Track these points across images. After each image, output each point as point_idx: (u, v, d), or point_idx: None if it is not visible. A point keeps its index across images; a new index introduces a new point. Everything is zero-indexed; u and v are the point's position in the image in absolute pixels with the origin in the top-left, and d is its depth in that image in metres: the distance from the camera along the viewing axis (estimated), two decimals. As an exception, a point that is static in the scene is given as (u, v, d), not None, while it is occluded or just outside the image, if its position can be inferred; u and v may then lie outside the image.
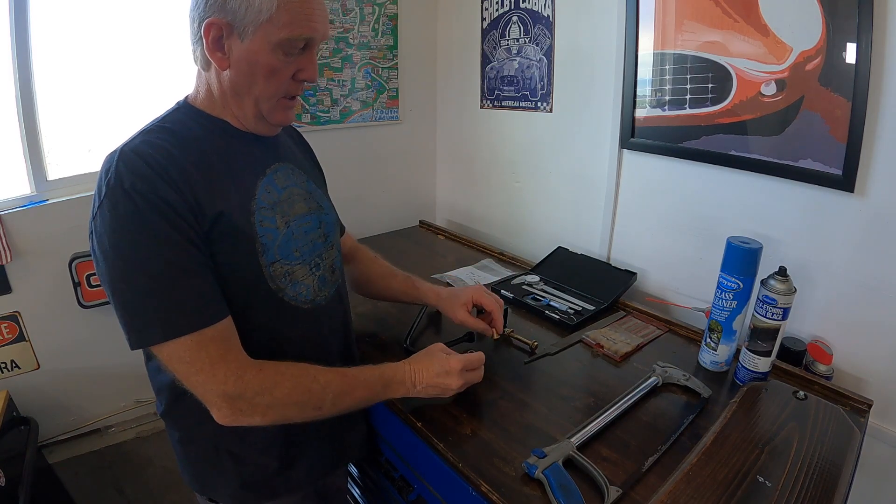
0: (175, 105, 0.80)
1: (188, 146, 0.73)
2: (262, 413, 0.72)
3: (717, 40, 1.16)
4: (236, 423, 0.72)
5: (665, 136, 1.32)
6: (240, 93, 0.76)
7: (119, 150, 0.70)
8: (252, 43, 0.71)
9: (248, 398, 0.71)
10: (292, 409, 0.75)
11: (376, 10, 1.85)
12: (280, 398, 0.73)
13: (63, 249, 1.60)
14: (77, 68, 1.63)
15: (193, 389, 0.71)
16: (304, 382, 0.75)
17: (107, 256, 0.67)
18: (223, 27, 0.70)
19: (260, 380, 0.72)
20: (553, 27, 1.56)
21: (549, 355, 1.09)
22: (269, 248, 0.78)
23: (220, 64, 0.73)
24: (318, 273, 0.87)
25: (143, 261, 0.66)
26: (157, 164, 0.68)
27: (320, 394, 0.76)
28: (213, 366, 0.69)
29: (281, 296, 0.80)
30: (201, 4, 0.70)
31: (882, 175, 0.99)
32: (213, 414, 0.71)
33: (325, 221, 0.91)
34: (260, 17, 0.69)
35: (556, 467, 0.75)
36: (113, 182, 0.66)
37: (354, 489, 1.25)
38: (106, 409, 1.83)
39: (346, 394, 0.79)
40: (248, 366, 0.72)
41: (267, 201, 0.80)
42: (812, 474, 0.73)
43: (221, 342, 0.71)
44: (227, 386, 0.69)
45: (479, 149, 1.97)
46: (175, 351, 0.69)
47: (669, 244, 1.39)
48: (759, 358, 0.95)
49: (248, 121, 0.79)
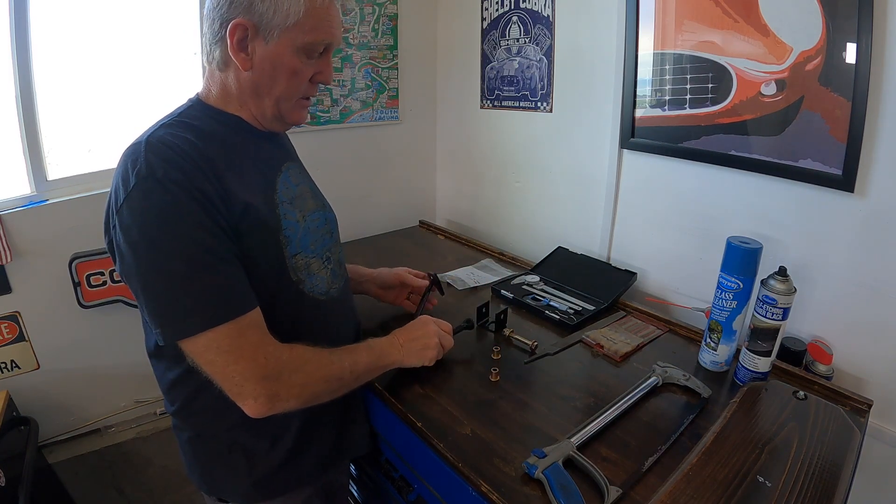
0: (188, 102, 0.81)
1: (210, 139, 0.74)
2: (298, 393, 0.74)
3: (717, 40, 1.16)
4: (271, 410, 0.72)
5: (665, 135, 1.32)
6: (260, 93, 0.77)
7: (145, 141, 0.69)
8: (277, 45, 0.73)
9: (286, 378, 0.73)
10: (321, 384, 0.78)
11: (376, 10, 1.85)
12: (312, 373, 0.76)
13: (63, 249, 1.60)
14: (77, 68, 1.63)
15: (228, 380, 0.70)
16: (324, 356, 0.79)
17: (136, 248, 0.66)
18: (249, 28, 0.72)
19: (292, 358, 0.74)
20: (553, 27, 1.56)
21: (549, 355, 1.09)
22: (292, 240, 0.81)
23: (243, 64, 0.74)
24: (330, 266, 0.90)
25: (181, 249, 0.66)
26: (187, 154, 0.68)
27: (339, 364, 0.80)
28: (255, 350, 0.70)
29: (301, 287, 0.83)
30: (225, 5, 0.71)
31: (882, 175, 0.99)
32: (247, 406, 0.71)
33: (329, 218, 0.94)
34: (287, 21, 0.71)
35: (556, 467, 0.75)
36: (144, 172, 0.65)
37: (354, 489, 1.25)
38: (106, 409, 1.83)
39: (357, 361, 0.83)
40: (281, 348, 0.74)
41: (286, 196, 0.82)
42: (812, 474, 0.73)
43: (258, 327, 0.72)
44: (266, 369, 0.71)
45: (479, 149, 1.97)
46: (213, 340, 0.68)
47: (669, 244, 1.39)
48: (759, 358, 0.95)
49: (266, 120, 0.81)
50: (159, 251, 0.66)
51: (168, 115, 0.78)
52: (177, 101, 0.82)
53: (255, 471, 0.85)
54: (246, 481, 0.85)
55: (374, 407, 1.02)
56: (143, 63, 1.72)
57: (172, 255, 0.66)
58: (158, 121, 0.76)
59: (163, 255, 0.66)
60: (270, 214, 0.78)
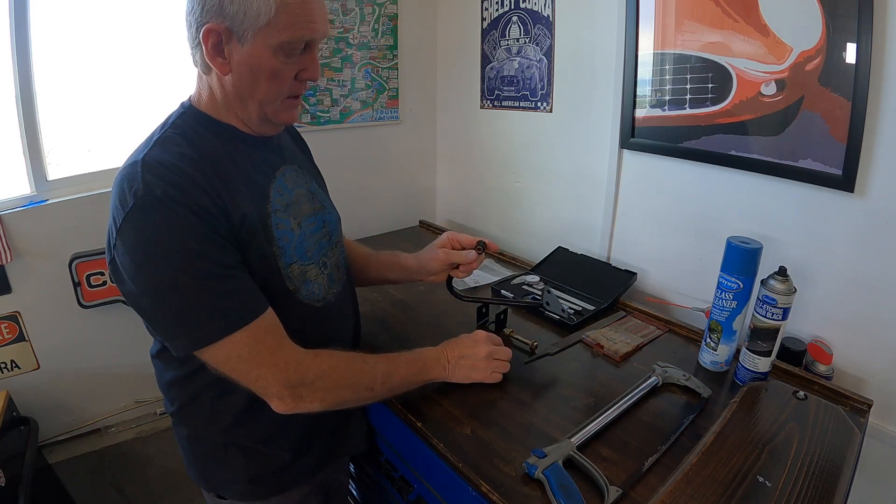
0: (179, 108, 0.79)
1: (203, 151, 0.73)
2: (322, 398, 0.76)
3: (717, 40, 1.16)
4: (296, 410, 0.75)
5: (665, 136, 1.32)
6: (243, 97, 0.75)
7: (140, 161, 0.68)
8: (253, 47, 0.70)
9: (309, 383, 0.74)
10: (347, 391, 0.79)
11: (376, 10, 1.85)
12: (338, 380, 0.77)
13: (63, 249, 1.60)
14: (77, 68, 1.63)
15: (253, 384, 0.73)
16: (356, 364, 0.79)
17: (142, 268, 0.66)
18: (222, 32, 0.69)
19: (318, 364, 0.75)
20: (553, 27, 1.56)
21: (549, 355, 1.09)
22: (287, 249, 0.80)
23: (222, 69, 0.72)
24: (326, 272, 0.89)
25: (188, 263, 0.67)
26: (183, 171, 0.68)
27: (371, 373, 0.80)
28: (274, 355, 0.72)
29: (297, 295, 0.82)
30: (198, 9, 0.69)
31: (882, 175, 0.99)
32: (273, 404, 0.74)
33: (328, 221, 0.92)
34: (259, 21, 0.68)
35: (556, 467, 0.75)
36: (142, 191, 0.65)
37: (354, 488, 1.25)
38: (106, 409, 1.83)
39: (392, 373, 0.83)
40: (303, 353, 0.75)
41: (280, 203, 0.81)
42: (812, 474, 0.73)
43: (275, 331, 0.73)
44: (289, 374, 0.72)
45: (479, 149, 1.97)
46: (233, 348, 0.69)
47: (669, 244, 1.39)
48: (759, 358, 0.95)
49: (253, 123, 0.79)
50: (167, 267, 0.66)
51: (160, 127, 0.76)
52: (177, 102, 0.81)
53: (252, 469, 0.85)
54: (243, 479, 0.85)
55: (374, 406, 1.02)
56: (143, 63, 1.72)
57: (178, 269, 0.66)
58: (150, 135, 0.75)
59: (170, 270, 0.66)
60: (263, 226, 0.77)
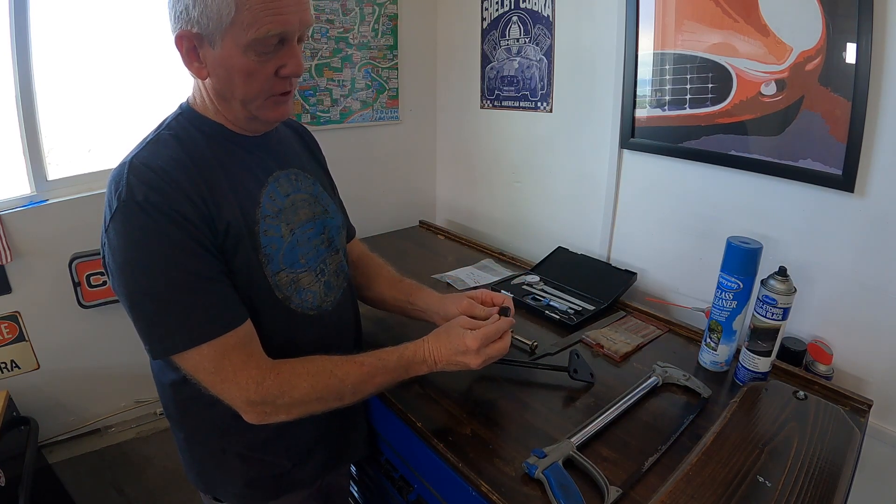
0: (178, 109, 0.80)
1: (194, 155, 0.73)
2: (287, 412, 0.75)
3: (717, 40, 1.16)
4: (265, 422, 0.75)
5: (665, 136, 1.32)
6: (225, 97, 0.75)
7: (128, 163, 0.69)
8: (223, 49, 0.69)
9: (270, 402, 0.73)
10: (314, 404, 0.77)
11: (376, 10, 1.85)
12: (300, 397, 0.75)
13: (63, 249, 1.60)
14: (77, 68, 1.63)
15: (221, 396, 0.73)
16: (322, 379, 0.77)
17: (122, 270, 0.67)
18: (193, 38, 0.69)
19: (279, 383, 0.73)
20: (553, 27, 1.56)
21: (549, 355, 1.09)
22: (274, 257, 0.79)
23: (199, 73, 0.73)
24: (324, 279, 0.87)
25: (161, 271, 0.67)
26: (168, 175, 0.68)
27: (339, 386, 0.78)
28: (237, 374, 0.71)
29: (288, 304, 0.81)
30: (171, 18, 0.70)
31: (882, 175, 0.99)
32: (243, 415, 0.74)
33: (329, 226, 0.90)
34: (222, 22, 0.66)
35: (556, 467, 0.75)
36: (125, 195, 0.66)
37: (354, 489, 1.25)
38: (106, 409, 1.83)
39: (365, 382, 0.80)
40: (266, 370, 0.73)
41: (271, 209, 0.80)
42: (812, 474, 0.73)
43: (242, 349, 0.72)
44: (249, 393, 0.72)
45: (479, 149, 1.97)
46: (199, 361, 0.70)
47: (669, 244, 1.39)
48: (759, 358, 0.95)
49: (241, 122, 0.79)
50: (142, 273, 0.67)
51: (156, 128, 0.77)
52: (176, 102, 0.81)
53: (250, 473, 0.85)
54: (240, 483, 0.85)
55: (375, 407, 1.02)
56: (143, 63, 1.72)
57: (153, 276, 0.67)
58: (146, 135, 0.76)
59: (145, 276, 0.67)
60: (250, 233, 0.76)
